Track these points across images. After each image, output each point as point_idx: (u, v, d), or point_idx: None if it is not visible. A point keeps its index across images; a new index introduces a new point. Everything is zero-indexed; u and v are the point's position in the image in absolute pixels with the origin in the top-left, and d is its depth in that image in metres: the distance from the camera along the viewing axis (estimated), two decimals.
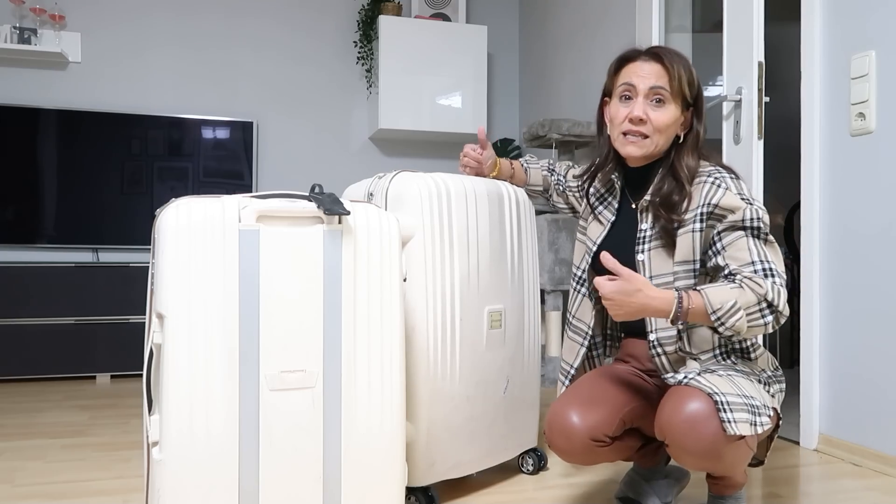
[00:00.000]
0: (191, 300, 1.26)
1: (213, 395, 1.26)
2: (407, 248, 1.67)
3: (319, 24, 4.25)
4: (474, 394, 1.77)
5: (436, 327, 1.69)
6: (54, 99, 3.80)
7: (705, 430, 1.29)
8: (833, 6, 2.24)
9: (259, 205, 1.31)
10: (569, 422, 1.46)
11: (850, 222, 2.18)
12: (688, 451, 1.32)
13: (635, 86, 1.51)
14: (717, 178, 1.47)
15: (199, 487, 1.25)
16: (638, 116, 1.50)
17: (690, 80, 1.53)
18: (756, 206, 1.43)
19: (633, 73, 1.53)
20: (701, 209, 1.46)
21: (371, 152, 4.35)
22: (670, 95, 1.50)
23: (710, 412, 1.30)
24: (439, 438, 1.70)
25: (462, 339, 1.74)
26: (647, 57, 1.53)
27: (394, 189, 1.72)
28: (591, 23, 3.67)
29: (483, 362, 1.80)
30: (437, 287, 1.69)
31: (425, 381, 1.67)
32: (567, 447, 1.47)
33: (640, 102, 1.51)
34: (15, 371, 3.39)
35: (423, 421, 1.67)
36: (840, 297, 2.21)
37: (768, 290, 1.36)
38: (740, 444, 1.32)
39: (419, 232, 1.67)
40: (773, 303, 1.36)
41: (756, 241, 1.42)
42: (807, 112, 2.31)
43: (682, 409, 1.32)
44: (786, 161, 2.86)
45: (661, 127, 1.50)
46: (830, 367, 2.24)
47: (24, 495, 1.81)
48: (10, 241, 3.64)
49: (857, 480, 1.97)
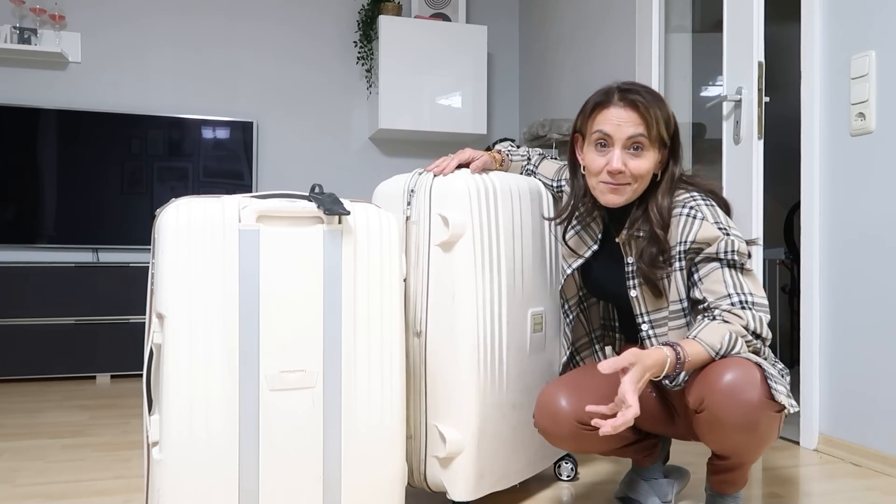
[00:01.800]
0: (191, 300, 1.26)
1: (213, 395, 1.26)
2: (456, 248, 1.58)
3: (319, 24, 4.25)
4: (520, 401, 1.70)
5: (485, 332, 1.60)
6: (54, 99, 3.80)
7: (752, 394, 1.29)
8: (833, 6, 2.24)
9: (259, 205, 1.32)
10: (556, 404, 1.47)
11: (850, 222, 2.18)
12: (727, 414, 1.30)
13: (611, 135, 1.47)
14: (691, 207, 1.46)
15: (199, 487, 1.25)
16: (617, 169, 1.46)
17: (667, 122, 1.49)
18: (732, 237, 1.43)
19: (607, 121, 1.47)
20: (679, 247, 1.46)
21: (371, 152, 4.35)
22: (648, 142, 1.47)
23: (759, 378, 1.30)
24: (488, 449, 1.62)
25: (509, 343, 1.66)
26: (622, 104, 1.47)
27: (439, 186, 1.62)
28: (591, 23, 3.67)
29: (527, 367, 1.73)
30: (486, 289, 1.61)
31: (476, 388, 1.59)
32: (553, 429, 1.48)
33: (618, 154, 1.46)
34: (15, 371, 3.40)
35: (473, 432, 1.58)
36: (840, 297, 2.21)
37: (749, 321, 1.38)
38: (773, 420, 1.32)
39: (468, 230, 1.59)
40: (757, 332, 1.38)
41: (732, 271, 1.42)
42: (807, 112, 2.31)
43: (728, 371, 1.31)
44: (786, 161, 2.86)
45: (639, 175, 1.47)
46: (830, 367, 2.24)
47: (24, 495, 1.81)
48: (10, 241, 3.64)
49: (857, 480, 1.97)
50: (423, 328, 1.62)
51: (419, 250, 1.64)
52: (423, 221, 1.63)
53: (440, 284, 1.60)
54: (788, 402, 1.30)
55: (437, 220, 1.60)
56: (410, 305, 1.64)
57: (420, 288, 1.63)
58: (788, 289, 3.84)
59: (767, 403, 1.30)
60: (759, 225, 2.30)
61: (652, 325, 1.53)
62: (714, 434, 1.35)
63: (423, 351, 1.62)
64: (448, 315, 1.59)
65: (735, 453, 1.41)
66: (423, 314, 1.62)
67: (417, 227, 1.64)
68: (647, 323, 1.53)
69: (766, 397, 1.29)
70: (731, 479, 1.50)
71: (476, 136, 4.24)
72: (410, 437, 1.64)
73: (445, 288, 1.59)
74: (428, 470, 1.62)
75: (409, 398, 1.64)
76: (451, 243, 1.58)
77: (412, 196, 1.66)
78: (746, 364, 1.32)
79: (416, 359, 1.63)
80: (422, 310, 1.62)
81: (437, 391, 1.60)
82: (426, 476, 1.62)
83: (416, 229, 1.64)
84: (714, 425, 1.34)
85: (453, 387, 1.58)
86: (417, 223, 1.64)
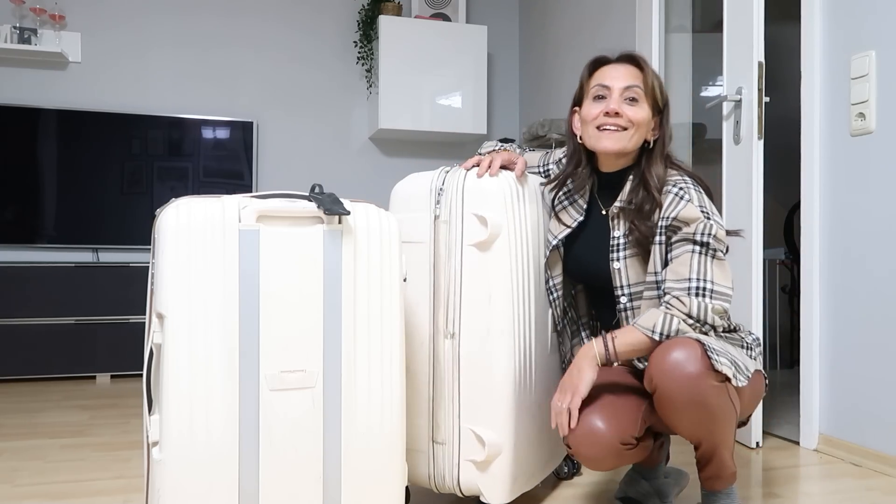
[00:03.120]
0: (191, 300, 1.25)
1: (213, 395, 1.26)
2: (493, 248, 1.56)
3: (319, 24, 4.25)
4: (543, 401, 1.70)
5: (519, 332, 1.59)
6: (54, 99, 3.80)
7: (692, 367, 1.32)
8: (833, 6, 2.24)
9: (259, 205, 1.31)
10: (595, 428, 1.42)
11: (850, 222, 2.18)
12: (674, 391, 1.33)
13: (609, 86, 1.54)
14: (681, 188, 1.50)
15: (199, 487, 1.25)
16: (614, 110, 1.52)
17: (661, 88, 1.57)
18: (712, 222, 1.45)
19: (606, 76, 1.56)
20: (662, 222, 1.49)
21: (371, 152, 4.35)
22: (643, 94, 1.54)
23: (698, 353, 1.33)
24: (521, 451, 1.61)
25: (537, 343, 1.66)
26: (620, 60, 1.57)
27: (472, 185, 1.59)
28: (591, 23, 3.67)
29: (549, 367, 1.74)
30: (520, 289, 1.60)
31: (512, 390, 1.57)
32: (595, 454, 1.42)
33: (616, 99, 1.53)
34: (15, 371, 3.40)
35: (510, 433, 1.57)
36: (840, 297, 2.21)
37: (692, 308, 1.41)
38: (720, 391, 1.34)
39: (504, 230, 1.57)
40: (700, 318, 1.41)
41: (702, 257, 1.44)
42: (807, 112, 2.31)
43: (671, 351, 1.35)
44: (786, 161, 2.86)
45: (636, 121, 1.53)
46: (830, 367, 2.24)
47: (24, 495, 1.81)
48: (10, 241, 3.65)
49: (857, 480, 1.97)
50: (456, 330, 1.59)
51: (451, 250, 1.60)
52: (455, 221, 1.59)
53: (475, 285, 1.57)
54: (731, 372, 1.33)
55: (472, 219, 1.58)
56: (440, 306, 1.61)
57: (452, 288, 1.59)
58: (788, 289, 3.85)
59: (708, 373, 1.32)
60: (759, 225, 2.29)
61: (630, 298, 1.56)
62: (669, 412, 1.38)
63: (455, 353, 1.59)
64: (484, 316, 1.56)
65: (698, 434, 1.40)
66: (455, 315, 1.59)
67: (448, 226, 1.60)
68: (625, 296, 1.56)
69: (706, 368, 1.32)
70: (715, 471, 1.47)
71: (476, 136, 4.24)
72: (442, 444, 1.60)
73: (481, 288, 1.57)
74: (462, 475, 1.59)
75: (440, 403, 1.61)
76: (488, 243, 1.56)
77: (441, 195, 1.62)
78: (687, 341, 1.35)
79: (448, 361, 1.59)
80: (454, 311, 1.59)
81: (472, 394, 1.57)
82: (459, 481, 1.59)
83: (446, 228, 1.60)
84: (666, 403, 1.37)
85: (490, 389, 1.56)
86: (448, 222, 1.60)
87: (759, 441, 2.29)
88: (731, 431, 1.42)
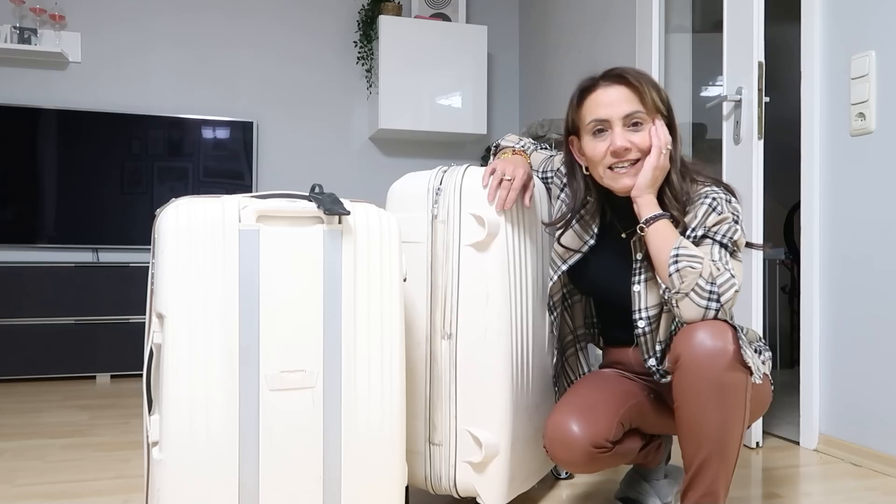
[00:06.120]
0: (191, 300, 1.25)
1: (213, 395, 1.26)
2: (490, 248, 1.55)
3: (319, 24, 4.25)
4: (540, 401, 1.69)
5: (517, 333, 1.58)
6: (54, 99, 3.81)
7: (724, 344, 1.29)
8: (833, 6, 2.24)
9: (259, 205, 1.31)
10: (568, 431, 1.41)
11: (850, 222, 2.18)
12: (700, 365, 1.29)
13: (607, 119, 1.43)
14: (715, 199, 1.43)
15: (199, 487, 1.25)
16: (622, 147, 1.42)
17: (658, 91, 1.46)
18: (738, 227, 1.41)
19: (599, 105, 1.44)
20: (698, 231, 1.42)
21: (371, 152, 4.35)
22: (647, 116, 1.43)
23: (731, 336, 1.30)
24: (518, 452, 1.60)
25: (533, 344, 1.65)
26: (608, 81, 1.45)
27: (469, 184, 1.56)
28: (591, 23, 3.67)
29: (544, 368, 1.72)
30: (517, 290, 1.58)
31: (510, 391, 1.56)
32: (568, 457, 1.42)
33: (619, 133, 1.42)
34: (15, 371, 3.40)
35: (507, 434, 1.55)
36: (840, 297, 2.21)
37: (719, 275, 1.33)
38: (741, 383, 1.31)
39: (501, 230, 1.55)
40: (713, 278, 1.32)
41: (722, 249, 1.39)
42: (807, 112, 2.31)
43: (704, 328, 1.31)
44: (786, 161, 2.86)
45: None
46: (830, 367, 2.24)
47: (24, 495, 1.81)
48: (10, 241, 3.65)
49: (857, 480, 1.97)
50: (453, 330, 1.57)
51: (448, 250, 1.58)
52: (453, 220, 1.58)
53: (472, 285, 1.55)
54: (755, 366, 1.31)
55: (469, 219, 1.55)
56: (438, 307, 1.60)
57: (449, 289, 1.58)
58: (788, 289, 3.85)
59: (737, 357, 1.29)
60: (759, 225, 2.29)
61: (649, 322, 1.50)
62: (683, 391, 1.32)
63: (453, 354, 1.58)
64: (482, 317, 1.55)
65: (700, 430, 1.32)
66: (453, 316, 1.58)
67: (446, 226, 1.59)
68: (643, 319, 1.49)
69: (736, 351, 1.29)
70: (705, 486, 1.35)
71: (476, 136, 4.24)
72: (439, 445, 1.60)
73: (478, 289, 1.55)
74: (459, 476, 1.58)
75: (437, 404, 1.60)
76: (486, 243, 1.54)
77: (439, 195, 1.60)
78: (721, 323, 1.32)
79: (445, 362, 1.58)
80: (452, 311, 1.58)
81: (469, 395, 1.56)
82: (456, 482, 1.59)
83: (443, 228, 1.59)
84: (683, 380, 1.31)
85: (487, 390, 1.55)
86: (446, 222, 1.59)
87: (759, 441, 2.29)
88: (734, 442, 1.34)
